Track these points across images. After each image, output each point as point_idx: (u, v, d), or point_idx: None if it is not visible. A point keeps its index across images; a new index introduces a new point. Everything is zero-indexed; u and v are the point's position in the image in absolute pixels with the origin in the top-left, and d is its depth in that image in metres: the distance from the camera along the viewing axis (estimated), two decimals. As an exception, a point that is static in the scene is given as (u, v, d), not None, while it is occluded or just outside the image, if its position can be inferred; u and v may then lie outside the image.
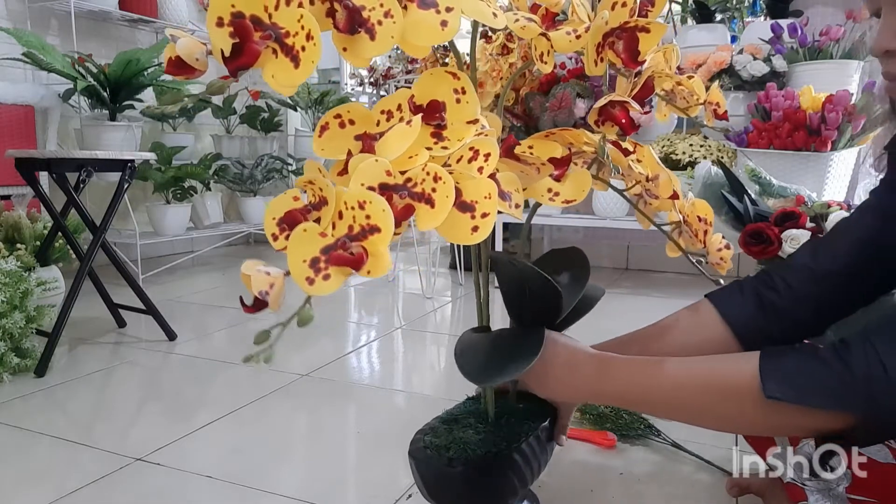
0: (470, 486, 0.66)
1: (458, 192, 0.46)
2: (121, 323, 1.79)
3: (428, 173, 0.46)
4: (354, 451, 1.11)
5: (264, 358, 0.41)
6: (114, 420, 1.22)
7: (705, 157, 2.04)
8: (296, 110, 3.27)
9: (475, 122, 0.50)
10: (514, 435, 0.69)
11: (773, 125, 1.69)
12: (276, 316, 0.44)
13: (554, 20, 0.59)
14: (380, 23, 0.42)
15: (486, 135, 0.50)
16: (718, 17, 2.52)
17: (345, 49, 0.43)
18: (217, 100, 2.94)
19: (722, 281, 0.79)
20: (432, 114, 0.50)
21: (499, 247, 2.36)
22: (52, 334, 1.43)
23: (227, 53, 0.40)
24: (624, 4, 0.57)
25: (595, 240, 2.82)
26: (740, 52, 2.16)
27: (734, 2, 2.51)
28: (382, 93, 3.10)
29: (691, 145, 2.10)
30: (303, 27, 0.40)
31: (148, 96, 2.59)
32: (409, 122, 0.49)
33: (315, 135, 0.52)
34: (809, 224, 1.29)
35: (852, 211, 0.76)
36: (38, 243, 1.73)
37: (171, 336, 1.67)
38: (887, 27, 0.60)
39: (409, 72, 2.71)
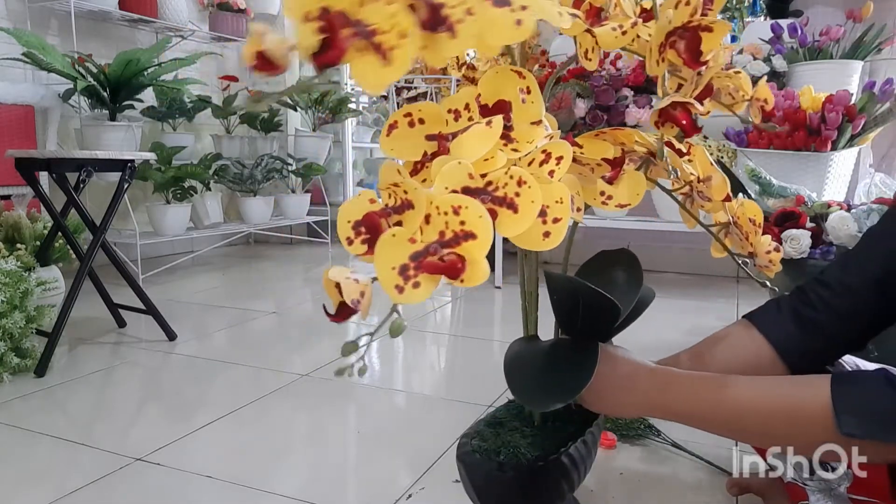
0: (522, 491, 0.66)
1: None
2: (121, 323, 1.79)
3: (511, 177, 0.44)
4: (354, 451, 1.11)
5: (359, 371, 0.40)
6: (114, 420, 1.22)
7: (705, 157, 2.03)
8: (296, 110, 3.27)
9: (539, 122, 0.49)
10: (563, 439, 0.68)
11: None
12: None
13: (598, 16, 0.58)
14: (460, 21, 0.40)
15: (552, 136, 0.49)
16: (718, 16, 2.52)
17: (424, 47, 0.41)
18: (217, 99, 2.94)
19: (769, 283, 0.77)
20: (500, 114, 0.49)
21: (499, 249, 2.36)
22: (52, 334, 1.43)
23: (314, 49, 0.38)
24: (687, 3, 0.54)
25: (595, 240, 2.82)
26: (740, 52, 2.16)
27: (734, 2, 2.51)
28: (383, 92, 3.09)
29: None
30: (396, 24, 0.39)
31: (148, 96, 2.59)
32: (488, 123, 0.47)
33: (383, 133, 0.51)
34: (809, 224, 1.29)
35: (881, 218, 0.75)
36: (38, 243, 1.73)
37: (171, 336, 1.67)
38: None
39: (409, 72, 2.71)
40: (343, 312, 0.41)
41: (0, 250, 1.59)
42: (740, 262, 0.75)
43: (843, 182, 1.76)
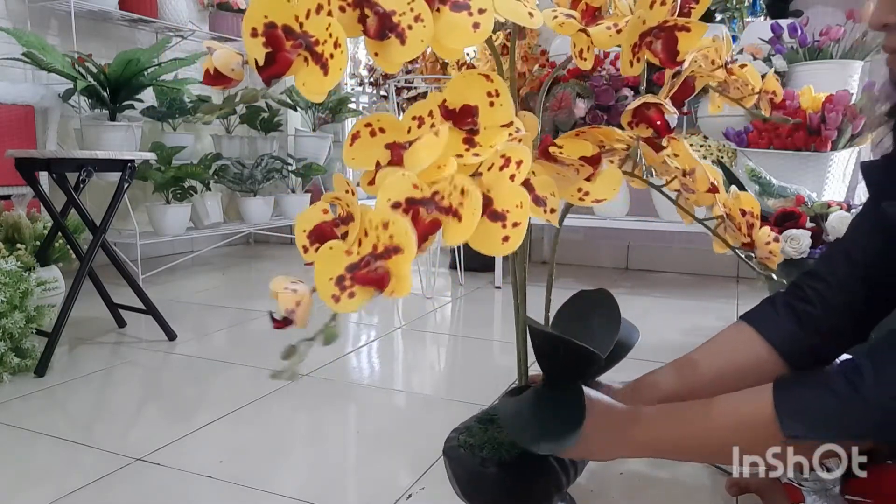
0: (503, 488, 0.66)
1: (489, 201, 0.45)
2: (121, 323, 1.79)
3: (455, 186, 0.45)
4: (354, 451, 1.11)
5: (288, 376, 0.41)
6: (114, 420, 1.22)
7: (705, 157, 2.04)
8: (296, 110, 3.27)
9: (509, 125, 0.49)
10: None
11: (773, 125, 1.69)
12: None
13: (595, 16, 0.57)
14: (410, 27, 0.42)
15: (519, 140, 0.49)
16: (718, 17, 2.52)
17: (376, 54, 0.44)
18: (217, 99, 2.94)
19: (774, 276, 0.77)
20: (464, 119, 0.49)
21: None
22: (52, 334, 1.43)
23: (261, 63, 0.41)
24: (663, 3, 0.54)
25: (595, 240, 2.82)
26: (740, 52, 2.16)
27: (734, 2, 2.51)
28: (382, 93, 3.09)
29: (691, 145, 2.10)
30: (331, 35, 0.41)
31: (148, 96, 2.59)
32: (437, 132, 0.47)
33: (346, 144, 0.51)
34: (809, 224, 1.29)
35: (862, 204, 0.75)
36: (38, 243, 1.73)
37: (171, 336, 1.67)
38: (884, 1, 0.60)
39: (408, 72, 2.70)
40: (287, 320, 0.43)
41: (0, 250, 1.59)
42: (743, 256, 0.75)
43: (843, 182, 1.76)
